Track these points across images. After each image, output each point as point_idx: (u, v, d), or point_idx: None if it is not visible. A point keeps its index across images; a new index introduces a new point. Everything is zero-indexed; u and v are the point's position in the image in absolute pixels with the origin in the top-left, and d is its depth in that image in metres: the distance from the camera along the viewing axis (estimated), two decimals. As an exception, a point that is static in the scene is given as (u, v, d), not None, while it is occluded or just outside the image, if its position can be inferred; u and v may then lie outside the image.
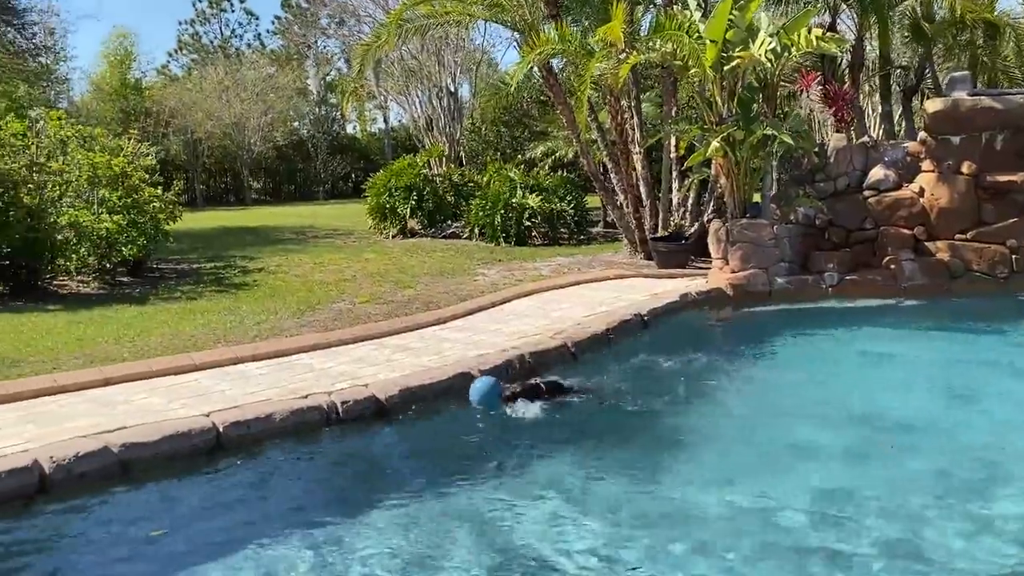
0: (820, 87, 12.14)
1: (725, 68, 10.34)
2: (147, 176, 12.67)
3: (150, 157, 13.57)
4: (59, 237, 10.95)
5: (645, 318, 8.68)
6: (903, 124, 14.91)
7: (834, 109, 11.33)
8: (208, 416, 5.42)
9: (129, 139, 13.79)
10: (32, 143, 11.35)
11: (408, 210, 17.16)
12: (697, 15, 10.81)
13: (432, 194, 17.55)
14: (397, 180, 17.38)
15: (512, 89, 20.08)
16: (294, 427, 5.53)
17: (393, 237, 17.13)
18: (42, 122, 11.98)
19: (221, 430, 5.26)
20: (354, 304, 9.73)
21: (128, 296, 10.70)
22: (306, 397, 5.86)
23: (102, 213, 11.45)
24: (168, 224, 12.80)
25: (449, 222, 17.42)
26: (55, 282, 11.44)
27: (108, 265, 11.58)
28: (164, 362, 6.90)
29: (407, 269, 12.55)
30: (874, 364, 7.54)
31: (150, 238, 12.17)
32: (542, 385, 6.37)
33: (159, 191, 12.66)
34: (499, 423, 5.92)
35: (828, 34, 10.72)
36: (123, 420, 5.45)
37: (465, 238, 16.52)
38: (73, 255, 11.20)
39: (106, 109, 30.02)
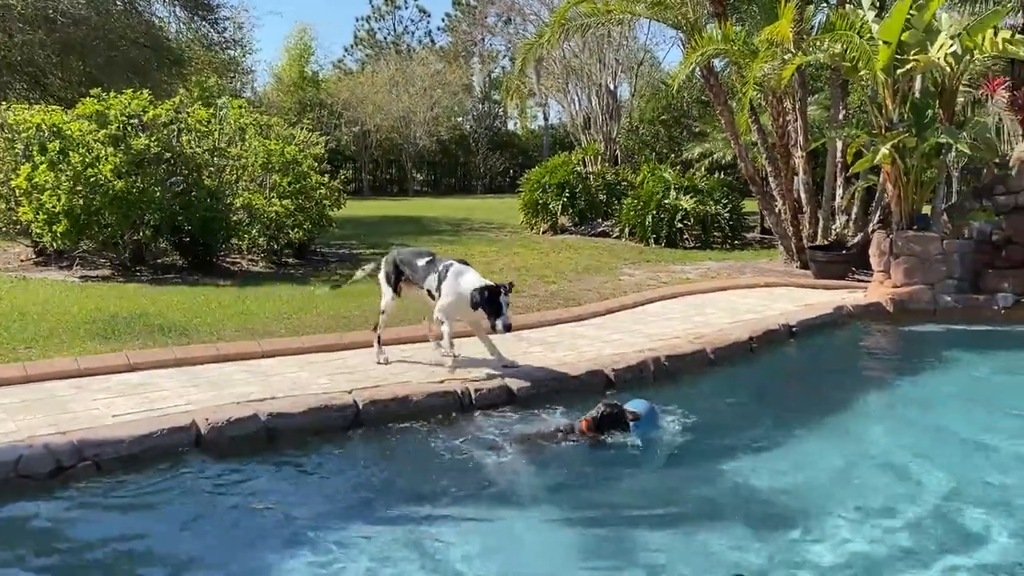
0: (1008, 93, 11.25)
1: (898, 71, 9.77)
2: (316, 164, 13.43)
3: (319, 146, 14.37)
4: (234, 218, 11.80)
5: (793, 329, 8.34)
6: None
7: (1021, 117, 10.44)
8: (350, 393, 5.71)
9: (301, 128, 14.68)
10: (215, 129, 12.27)
11: (560, 207, 17.31)
12: (871, 15, 10.25)
13: (584, 192, 17.62)
14: (551, 177, 17.56)
15: (675, 90, 19.85)
16: (430, 409, 5.71)
17: (543, 233, 17.33)
18: (225, 110, 12.94)
19: (360, 407, 5.52)
20: (498, 296, 9.91)
21: (292, 276, 11.39)
22: (442, 382, 6.05)
23: (273, 197, 12.25)
24: (332, 211, 13.52)
25: (600, 220, 17.42)
26: (227, 259, 12.35)
27: (276, 246, 12.38)
28: (315, 339, 7.31)
29: (553, 265, 12.65)
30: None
31: (315, 223, 12.91)
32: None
33: (326, 179, 13.40)
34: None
35: (1018, 36, 9.88)
36: (273, 390, 5.83)
37: (615, 237, 16.46)
38: (245, 235, 12.06)
39: (284, 100, 32.02)
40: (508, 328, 6.13)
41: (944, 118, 10.05)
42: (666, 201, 15.60)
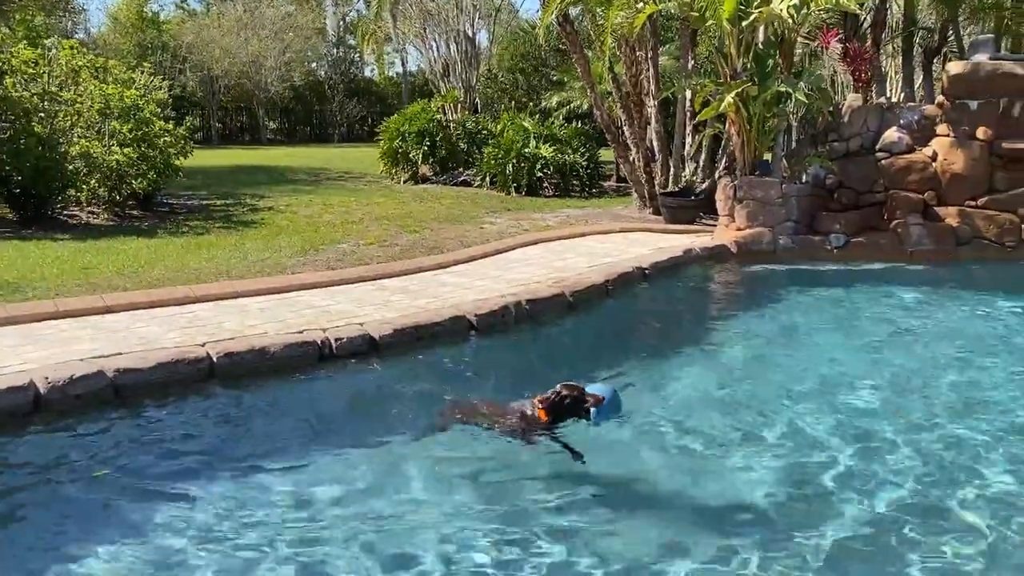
0: (841, 45, 11.93)
1: (743, 22, 10.16)
2: (159, 110, 12.67)
3: (162, 91, 13.56)
4: (70, 167, 11.00)
5: (646, 271, 8.69)
6: (924, 87, 14.62)
7: (852, 68, 11.14)
8: (203, 346, 5.51)
9: (142, 72, 13.78)
10: (44, 72, 11.34)
11: (420, 156, 17.10)
12: (718, -34, 10.58)
13: (445, 140, 17.47)
14: (410, 125, 17.29)
15: (541, 40, 19.85)
16: (289, 360, 5.61)
17: (404, 182, 17.12)
18: (55, 51, 11.95)
19: (215, 360, 5.35)
20: (358, 246, 9.78)
21: (137, 229, 10.81)
22: (301, 332, 5.94)
23: (113, 145, 11.49)
24: (179, 159, 12.82)
25: (461, 169, 17.36)
26: (65, 212, 11.54)
27: (118, 197, 11.67)
28: (164, 293, 6.99)
29: (415, 214, 12.56)
30: (866, 326, 7.49)
31: (160, 172, 12.23)
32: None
33: (171, 126, 12.67)
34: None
35: (851, -9, 10.48)
36: (121, 346, 5.55)
37: (476, 186, 16.47)
38: (83, 186, 11.29)
39: (122, 42, 29.83)
40: None
41: (784, 68, 10.57)
42: (526, 150, 15.70)
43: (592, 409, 4.62)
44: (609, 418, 4.74)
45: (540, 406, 4.54)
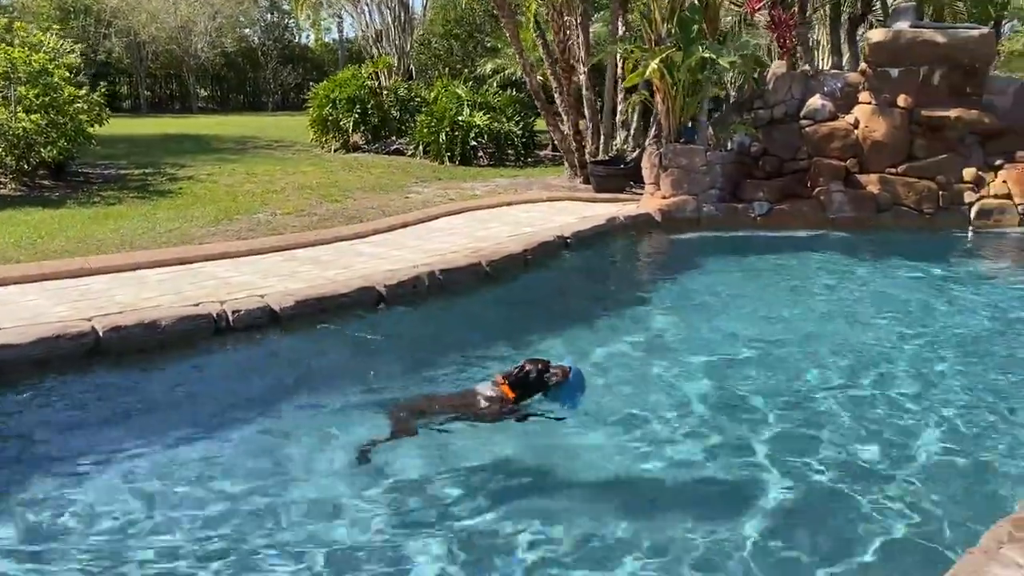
0: (768, 12, 11.92)
1: (669, -13, 10.06)
2: (69, 75, 12.09)
3: (74, 55, 12.95)
4: (-29, 135, 10.47)
5: (567, 240, 8.59)
6: (851, 55, 14.71)
7: (777, 35, 11.12)
8: (89, 320, 5.25)
9: (52, 35, 13.13)
10: (-61, 33, 10.72)
11: (351, 124, 16.71)
12: (643, -71, 10.43)
13: (377, 108, 17.09)
14: (340, 92, 16.87)
15: (463, 3, 19.50)
16: (182, 334, 5.38)
17: (335, 151, 16.72)
18: (-50, 11, 11.30)
19: (101, 335, 5.10)
20: (275, 215, 9.50)
21: (45, 199, 10.35)
22: (197, 305, 5.71)
23: (19, 112, 10.95)
24: (93, 127, 12.27)
25: (394, 138, 17.03)
26: (-32, 182, 11.01)
27: (27, 166, 11.14)
28: (58, 264, 6.68)
29: (341, 183, 12.26)
30: (783, 292, 7.54)
31: (72, 140, 11.69)
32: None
33: (83, 92, 12.11)
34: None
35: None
36: (2, 320, 5.26)
37: (409, 155, 16.18)
38: (-11, 155, 10.75)
39: (42, 5, 28.54)
40: None
41: (708, 33, 10.48)
42: (460, 118, 15.43)
43: (563, 386, 4.37)
44: (577, 397, 4.44)
45: (503, 383, 4.33)
